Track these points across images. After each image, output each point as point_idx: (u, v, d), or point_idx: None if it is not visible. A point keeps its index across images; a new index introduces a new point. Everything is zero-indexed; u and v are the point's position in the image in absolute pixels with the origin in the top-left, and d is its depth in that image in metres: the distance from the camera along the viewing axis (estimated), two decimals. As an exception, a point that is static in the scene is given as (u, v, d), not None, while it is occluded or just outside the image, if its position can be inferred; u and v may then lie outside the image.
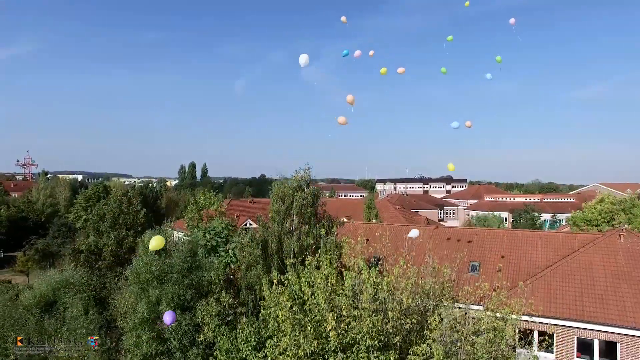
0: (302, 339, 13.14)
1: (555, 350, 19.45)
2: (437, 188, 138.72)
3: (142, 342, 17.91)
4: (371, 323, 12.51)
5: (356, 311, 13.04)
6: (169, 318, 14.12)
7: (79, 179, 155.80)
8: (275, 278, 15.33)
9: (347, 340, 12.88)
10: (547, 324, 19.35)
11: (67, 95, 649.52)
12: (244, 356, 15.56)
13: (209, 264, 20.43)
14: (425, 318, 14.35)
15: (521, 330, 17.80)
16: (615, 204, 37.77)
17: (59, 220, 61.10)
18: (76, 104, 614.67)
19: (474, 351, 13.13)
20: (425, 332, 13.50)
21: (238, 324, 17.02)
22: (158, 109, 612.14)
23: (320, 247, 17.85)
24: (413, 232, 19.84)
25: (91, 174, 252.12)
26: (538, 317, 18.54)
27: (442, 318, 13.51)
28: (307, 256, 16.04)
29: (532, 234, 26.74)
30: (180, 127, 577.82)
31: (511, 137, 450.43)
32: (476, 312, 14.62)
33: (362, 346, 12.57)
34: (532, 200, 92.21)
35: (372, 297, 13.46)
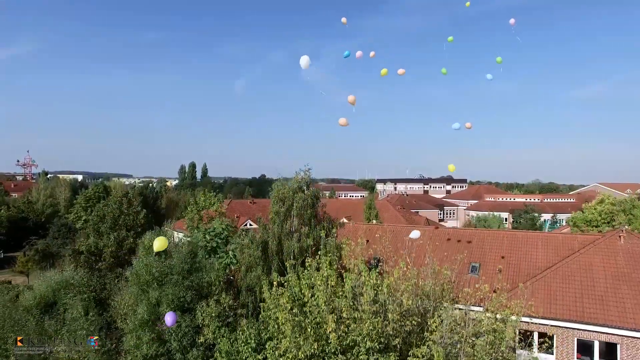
0: (302, 341, 13.14)
1: (555, 351, 19.45)
2: (437, 188, 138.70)
3: (142, 344, 17.90)
4: (371, 325, 12.51)
5: (356, 313, 13.05)
6: (170, 319, 14.12)
7: (79, 179, 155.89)
8: (275, 280, 15.33)
9: (347, 342, 12.88)
10: (547, 325, 19.36)
11: (67, 95, 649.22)
12: (244, 358, 15.54)
13: (209, 266, 20.43)
14: (425, 320, 14.35)
15: (521, 331, 17.81)
16: (615, 205, 37.78)
17: (59, 220, 61.15)
18: (76, 104, 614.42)
19: (474, 353, 13.13)
20: (425, 334, 13.50)
21: (238, 326, 17.03)
22: (158, 109, 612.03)
23: (320, 249, 17.84)
24: (414, 233, 19.83)
25: (91, 174, 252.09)
26: (538, 319, 18.55)
27: (442, 320, 13.52)
28: (307, 258, 16.04)
29: (532, 235, 26.76)
30: (180, 127, 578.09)
31: (511, 137, 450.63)
32: (476, 314, 14.63)
33: (362, 348, 12.57)
34: (532, 200, 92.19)
35: (372, 299, 13.47)
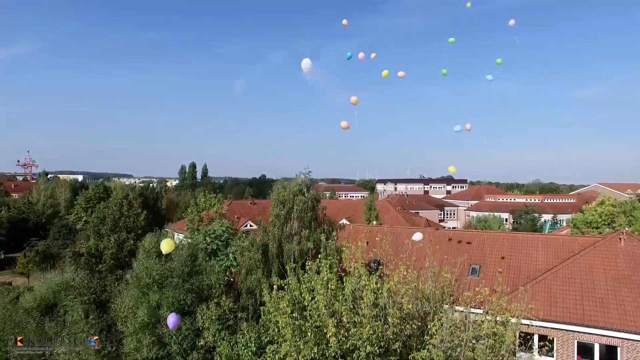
0: (303, 345, 13.15)
1: (555, 354, 19.45)
2: (438, 188, 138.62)
3: (143, 347, 17.93)
4: (371, 329, 12.51)
5: (356, 317, 13.05)
6: (173, 321, 14.12)
7: (80, 179, 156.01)
8: (275, 283, 15.34)
9: (348, 346, 12.88)
10: (548, 328, 19.36)
11: (67, 95, 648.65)
12: (244, 361, 15.57)
13: (209, 268, 20.44)
14: (425, 323, 14.35)
15: (521, 334, 17.82)
16: (615, 207, 37.76)
17: (60, 221, 61.14)
18: (76, 104, 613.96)
19: (474, 356, 13.13)
20: (425, 338, 13.50)
21: (238, 329, 17.04)
22: (158, 109, 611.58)
23: (320, 252, 17.84)
24: (417, 236, 19.88)
25: (92, 174, 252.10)
26: (538, 321, 18.55)
27: (442, 323, 13.51)
28: (308, 261, 16.05)
29: (533, 237, 26.76)
30: (180, 127, 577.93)
31: (511, 137, 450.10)
32: (476, 316, 14.63)
33: (363, 352, 12.57)
34: (533, 201, 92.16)
35: (372, 303, 13.48)
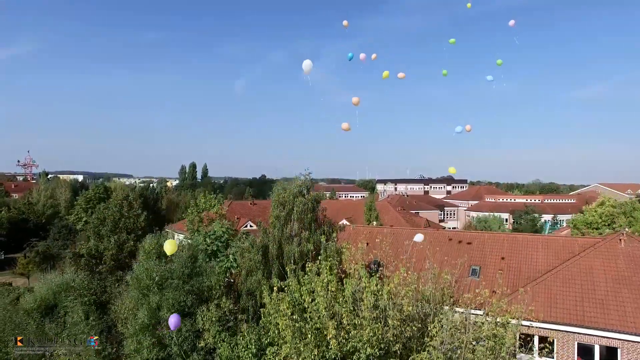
0: (303, 347, 13.17)
1: (555, 355, 19.44)
2: (438, 188, 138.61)
3: (143, 348, 17.92)
4: (371, 331, 12.52)
5: (357, 319, 13.06)
6: (174, 321, 14.13)
7: (80, 179, 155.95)
8: (275, 285, 15.34)
9: (348, 348, 12.90)
10: (548, 329, 19.36)
11: (67, 95, 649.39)
12: (245, 363, 15.58)
13: (210, 270, 20.44)
14: (425, 324, 14.35)
15: (522, 335, 17.81)
16: (615, 207, 37.76)
17: (60, 222, 61.15)
18: (76, 104, 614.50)
19: (475, 358, 13.12)
20: (425, 339, 13.50)
21: (239, 330, 17.04)
22: (158, 109, 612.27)
23: (320, 253, 17.85)
24: (418, 237, 20.05)
25: (92, 174, 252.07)
26: (538, 323, 18.53)
27: (442, 325, 13.51)
28: (308, 262, 16.06)
29: (533, 238, 26.73)
30: (180, 127, 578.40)
31: (511, 137, 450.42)
32: (477, 317, 14.63)
33: (363, 354, 12.59)
34: (533, 201, 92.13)
35: (373, 305, 13.48)
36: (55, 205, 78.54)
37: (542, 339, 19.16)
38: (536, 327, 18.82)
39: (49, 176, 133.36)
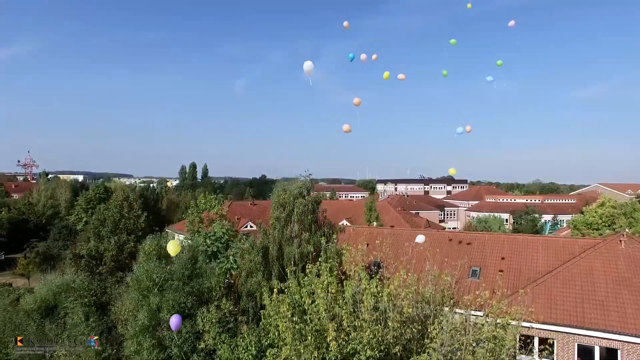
0: (303, 349, 13.16)
1: (555, 357, 19.44)
2: (438, 189, 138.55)
3: (143, 350, 17.91)
4: (371, 333, 12.52)
5: (357, 321, 13.05)
6: (175, 322, 14.14)
7: (80, 179, 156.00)
8: (275, 286, 15.35)
9: (348, 350, 12.88)
10: (548, 331, 19.36)
11: (67, 95, 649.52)
12: (245, 365, 15.57)
13: (210, 271, 20.44)
14: (425, 326, 14.34)
15: (522, 337, 17.80)
16: (616, 208, 37.72)
17: (60, 222, 61.16)
18: (76, 104, 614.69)
19: (475, 360, 13.11)
20: (425, 341, 13.49)
21: (239, 332, 17.04)
22: (158, 109, 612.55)
23: (320, 255, 17.84)
24: (419, 238, 20.14)
25: (92, 174, 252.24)
26: (539, 324, 18.53)
27: (442, 327, 13.50)
28: (308, 263, 16.05)
29: (533, 239, 26.74)
30: (180, 127, 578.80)
31: (511, 137, 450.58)
32: (477, 319, 14.62)
33: (363, 356, 12.57)
34: (533, 201, 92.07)
35: (373, 307, 13.47)
36: (55, 205, 78.57)
37: (542, 340, 19.15)
38: (536, 329, 18.82)
39: (49, 176, 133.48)
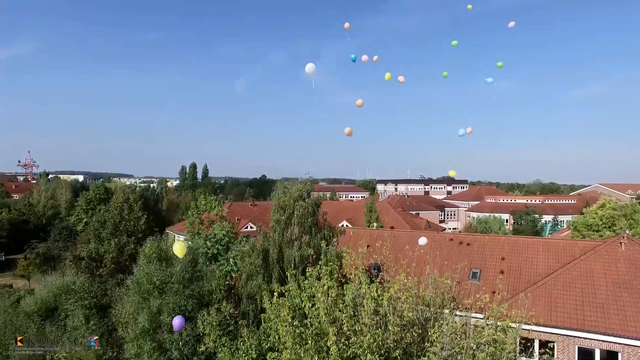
0: (303, 353, 13.15)
1: (556, 359, 19.43)
2: (438, 189, 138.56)
3: (143, 353, 17.94)
4: (372, 338, 12.50)
5: (357, 325, 13.04)
6: (178, 322, 14.16)
7: (80, 179, 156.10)
8: (276, 290, 15.35)
9: (348, 354, 12.86)
10: (548, 333, 19.35)
11: (67, 95, 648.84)
12: (245, 368, 15.58)
13: (210, 274, 20.45)
14: (425, 330, 14.34)
15: (522, 340, 17.80)
16: (616, 210, 37.68)
17: (60, 223, 61.19)
18: (76, 104, 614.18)
19: (475, 364, 13.11)
20: (425, 345, 13.49)
21: (239, 335, 17.04)
22: (158, 109, 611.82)
23: (321, 258, 17.84)
24: (422, 240, 20.27)
25: (92, 174, 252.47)
26: (539, 327, 18.51)
27: (443, 330, 13.50)
28: (308, 266, 16.05)
29: (533, 241, 26.71)
30: (180, 127, 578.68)
31: (511, 137, 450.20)
32: (477, 321, 14.62)
33: (363, 360, 12.56)
34: (533, 201, 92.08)
35: (373, 311, 13.47)
36: (55, 206, 78.57)
37: (543, 343, 19.14)
38: (536, 331, 18.81)
39: (50, 176, 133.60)
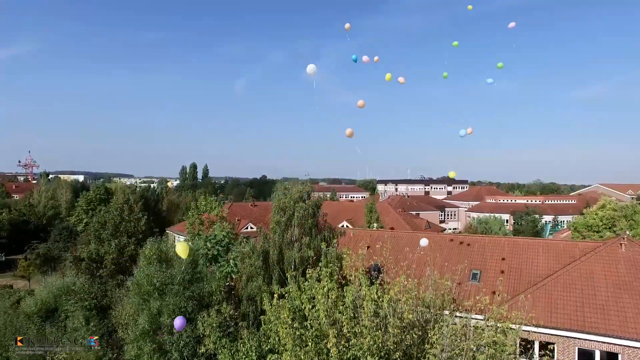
0: (303, 355, 13.15)
1: (556, 361, 19.43)
2: (438, 189, 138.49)
3: (144, 354, 17.92)
4: (372, 340, 12.50)
5: (357, 327, 13.04)
6: (179, 323, 14.16)
7: (81, 180, 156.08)
8: (276, 292, 15.35)
9: (348, 356, 12.86)
10: (548, 335, 19.34)
11: (67, 95, 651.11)
12: (245, 370, 15.58)
13: (210, 275, 20.44)
14: (426, 331, 14.33)
15: (522, 341, 17.80)
16: (616, 211, 37.65)
17: (61, 223, 61.19)
18: (76, 104, 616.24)
19: (475, 366, 13.10)
20: (425, 346, 13.49)
21: (239, 336, 17.03)
22: (158, 109, 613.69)
23: (321, 259, 17.84)
24: (423, 241, 20.37)
25: (92, 174, 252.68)
26: (539, 328, 18.50)
27: (443, 332, 13.50)
28: (308, 268, 16.04)
29: (533, 242, 26.71)
30: (180, 127, 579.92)
31: (511, 137, 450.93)
32: (477, 323, 14.61)
33: (363, 363, 12.55)
34: (533, 202, 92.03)
35: (373, 313, 13.46)
36: (56, 206, 78.54)
37: (543, 345, 19.14)
38: (536, 333, 18.79)
39: (50, 176, 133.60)
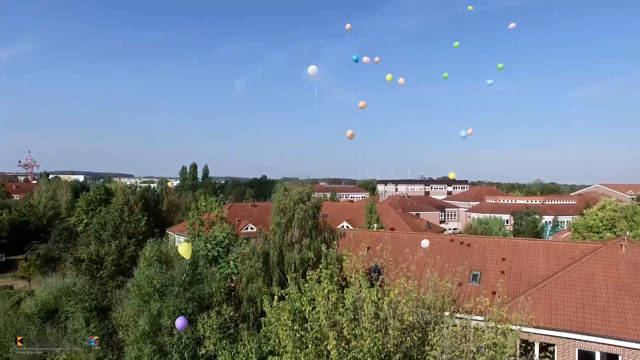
0: (303, 357, 13.16)
1: (556, 362, 19.42)
2: (439, 189, 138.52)
3: (144, 355, 17.92)
4: (372, 342, 12.51)
5: (357, 329, 13.05)
6: (181, 323, 14.14)
7: (81, 180, 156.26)
8: (276, 293, 15.35)
9: (348, 358, 12.87)
10: (548, 336, 19.34)
11: (67, 95, 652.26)
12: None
13: (210, 276, 20.43)
14: (426, 333, 14.34)
15: (522, 342, 17.80)
16: (616, 211, 37.63)
17: (61, 224, 61.18)
18: (76, 104, 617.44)
19: (475, 368, 13.11)
20: (426, 348, 13.49)
21: (239, 338, 17.03)
22: (158, 109, 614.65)
23: (321, 261, 17.83)
24: (424, 243, 20.42)
25: (93, 174, 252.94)
26: (539, 329, 18.49)
27: (443, 334, 13.50)
28: (308, 269, 16.05)
29: (533, 243, 26.70)
30: (180, 127, 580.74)
31: (511, 137, 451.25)
32: (477, 324, 14.61)
33: (363, 365, 12.55)
34: (534, 202, 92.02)
35: (374, 315, 13.47)
36: (56, 206, 78.52)
37: (543, 346, 19.13)
38: (537, 334, 18.79)
39: (50, 177, 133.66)
